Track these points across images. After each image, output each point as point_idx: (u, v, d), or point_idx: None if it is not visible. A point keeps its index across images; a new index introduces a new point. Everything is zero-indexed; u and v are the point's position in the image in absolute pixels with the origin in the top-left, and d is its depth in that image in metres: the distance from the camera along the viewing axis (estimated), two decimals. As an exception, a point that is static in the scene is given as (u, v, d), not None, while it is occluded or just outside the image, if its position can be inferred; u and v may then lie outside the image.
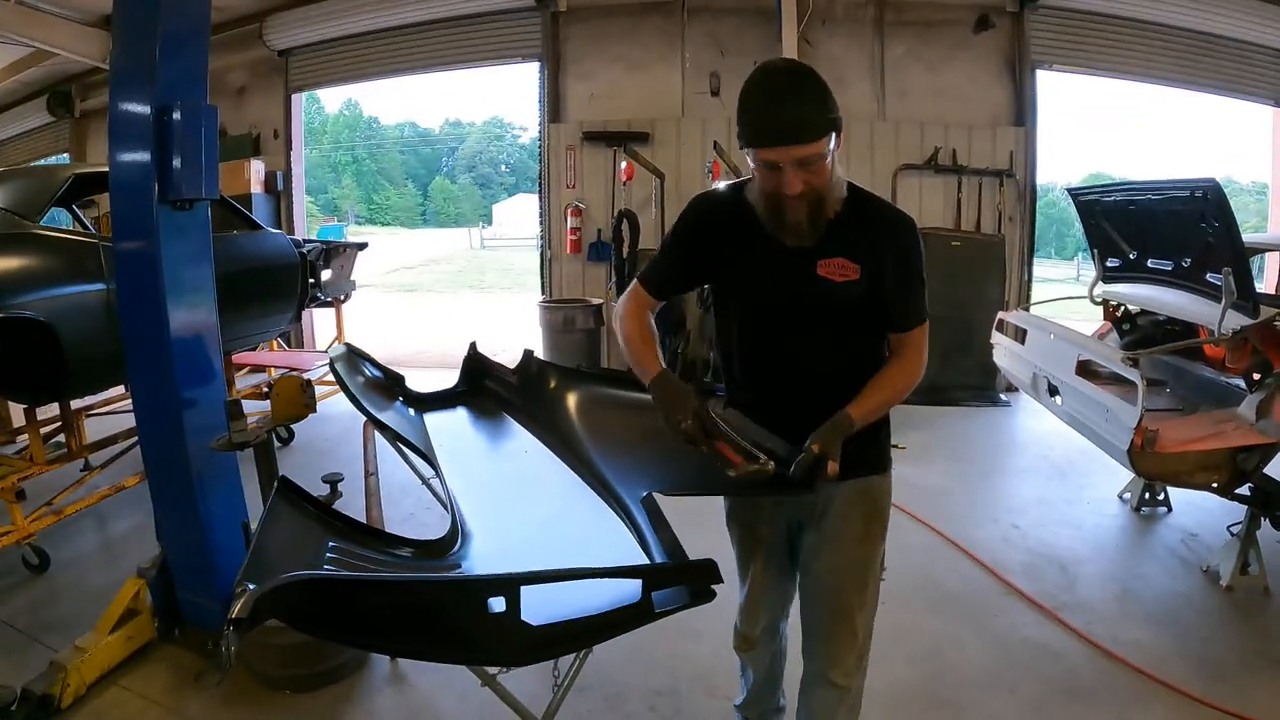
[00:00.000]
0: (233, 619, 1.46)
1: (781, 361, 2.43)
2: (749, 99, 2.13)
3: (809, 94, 2.09)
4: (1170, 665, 3.83)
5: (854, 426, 2.22)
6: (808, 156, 2.09)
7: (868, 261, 2.27)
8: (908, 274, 2.32)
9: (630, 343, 2.47)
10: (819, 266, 2.28)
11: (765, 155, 2.12)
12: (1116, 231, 5.70)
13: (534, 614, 1.72)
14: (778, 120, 2.07)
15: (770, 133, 2.09)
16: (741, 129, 2.15)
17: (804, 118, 2.07)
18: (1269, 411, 4.14)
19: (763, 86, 2.11)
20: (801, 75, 2.11)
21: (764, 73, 2.13)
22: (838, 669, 2.57)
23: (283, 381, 3.54)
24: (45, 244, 4.72)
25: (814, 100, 2.08)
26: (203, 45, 3.72)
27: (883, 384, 2.34)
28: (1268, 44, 9.73)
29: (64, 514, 5.07)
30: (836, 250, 2.27)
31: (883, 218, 2.32)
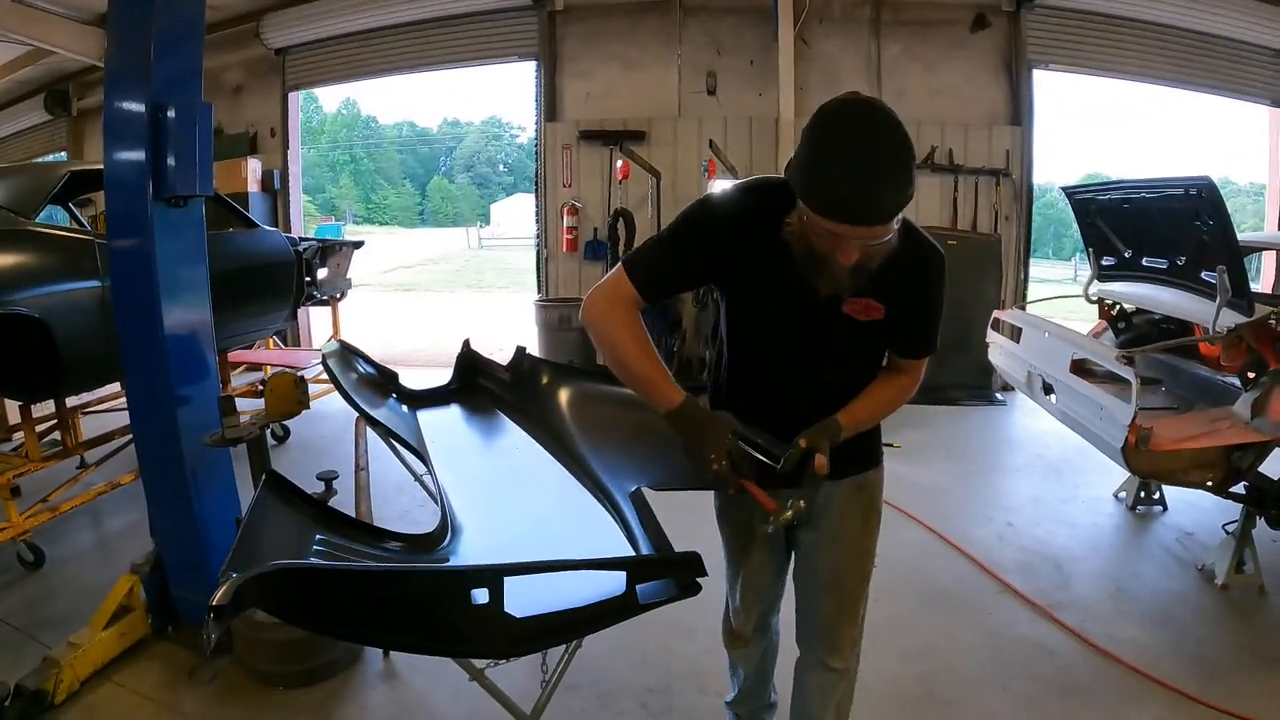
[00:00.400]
0: (214, 606, 1.46)
1: (782, 379, 2.36)
2: (829, 161, 1.84)
3: (901, 171, 1.83)
4: (1165, 663, 3.83)
5: (841, 434, 2.19)
6: (878, 237, 1.90)
7: (894, 301, 2.19)
8: (929, 310, 2.29)
9: (628, 356, 2.17)
10: (845, 304, 2.16)
11: (834, 229, 1.87)
12: (1112, 230, 5.71)
13: (518, 607, 1.71)
14: (863, 201, 1.82)
15: (851, 212, 1.83)
16: (810, 188, 1.88)
17: (892, 200, 1.84)
18: (1264, 409, 4.14)
19: (850, 152, 1.82)
20: (895, 143, 1.83)
21: (850, 134, 1.84)
22: (838, 655, 2.60)
23: (276, 378, 3.55)
24: (41, 241, 4.72)
25: (906, 178, 1.84)
26: (197, 42, 3.71)
27: (876, 399, 2.33)
28: (1265, 44, 9.74)
29: (59, 511, 5.07)
30: (867, 291, 2.13)
31: (915, 256, 2.16)
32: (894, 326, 2.25)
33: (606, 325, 2.18)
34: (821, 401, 2.25)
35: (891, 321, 2.23)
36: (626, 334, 2.17)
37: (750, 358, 2.41)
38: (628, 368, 2.17)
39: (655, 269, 2.22)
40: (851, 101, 1.88)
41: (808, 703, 2.72)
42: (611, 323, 2.17)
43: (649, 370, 2.15)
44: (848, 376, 2.33)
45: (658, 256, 2.24)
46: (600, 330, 2.19)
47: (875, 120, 1.84)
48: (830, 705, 2.69)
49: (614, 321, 2.17)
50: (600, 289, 2.23)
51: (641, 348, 2.17)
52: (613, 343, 2.17)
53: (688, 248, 2.22)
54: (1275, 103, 10.12)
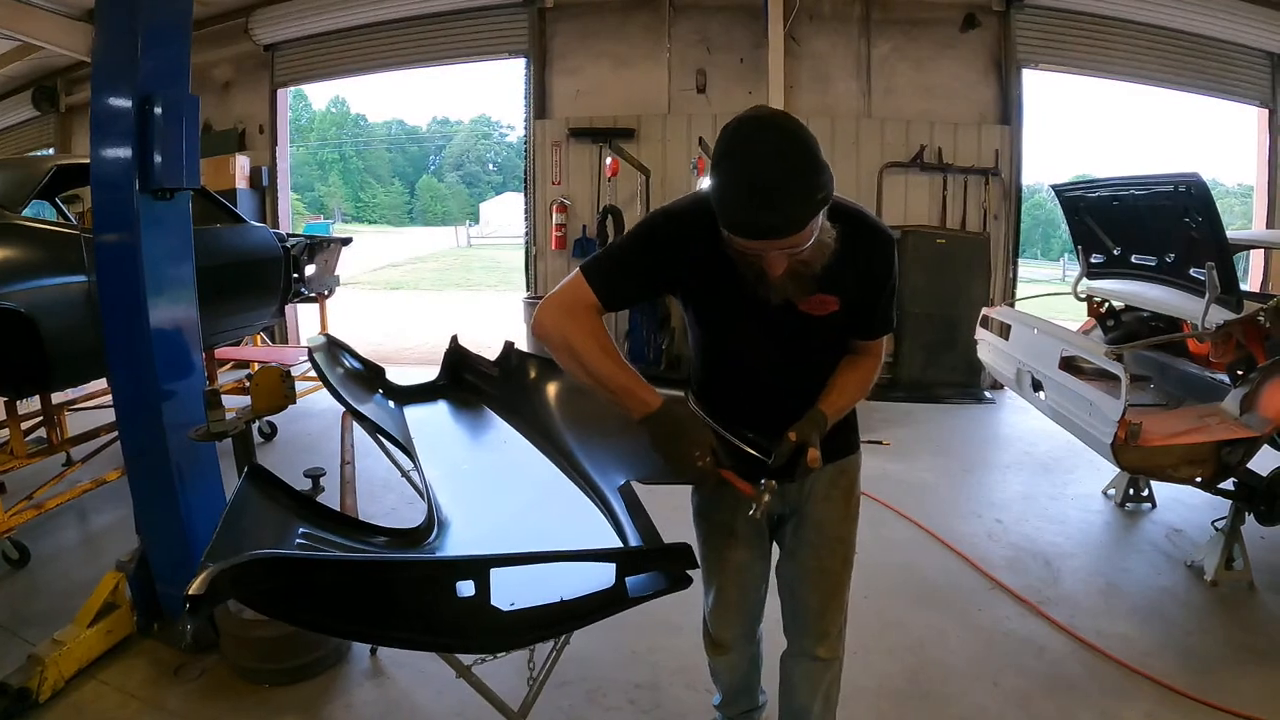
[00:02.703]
0: (190, 596, 1.44)
1: (753, 378, 2.37)
2: (727, 182, 1.86)
3: (796, 182, 1.82)
4: (1155, 659, 3.84)
5: (828, 423, 2.22)
6: (794, 246, 1.91)
7: (847, 291, 2.20)
8: (882, 291, 2.28)
9: (596, 364, 2.10)
10: (799, 304, 2.15)
11: (747, 246, 1.92)
12: (1101, 228, 5.72)
13: (505, 601, 1.70)
14: (760, 218, 1.83)
15: (756, 230, 1.86)
16: (719, 209, 1.90)
17: (790, 214, 1.83)
18: (1253, 405, 4.16)
19: (741, 170, 1.83)
20: (788, 158, 1.82)
21: (743, 151, 1.84)
22: (825, 644, 2.60)
23: (263, 373, 3.52)
24: (26, 235, 4.68)
25: (802, 189, 1.83)
26: (185, 35, 3.70)
27: (851, 384, 2.33)
28: (1253, 45, 9.78)
29: (44, 508, 5.03)
30: (819, 288, 2.13)
31: (860, 243, 2.15)
32: (851, 314, 2.26)
33: (567, 334, 2.09)
34: (797, 395, 2.26)
35: (849, 311, 2.24)
36: (592, 342, 2.09)
37: (720, 361, 2.43)
38: (597, 376, 2.09)
39: (614, 278, 2.18)
40: (748, 120, 1.86)
41: (796, 693, 2.72)
42: (573, 331, 2.09)
43: (621, 377, 2.09)
44: (817, 367, 2.35)
45: (616, 266, 2.20)
46: (560, 340, 2.11)
47: (770, 136, 1.83)
48: (819, 694, 2.69)
49: (575, 330, 2.09)
50: (556, 298, 2.16)
51: (609, 354, 2.10)
52: (576, 352, 2.09)
53: (644, 259, 2.20)
54: (1263, 104, 10.15)
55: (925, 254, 9.18)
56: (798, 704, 2.72)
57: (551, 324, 2.11)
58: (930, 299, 9.01)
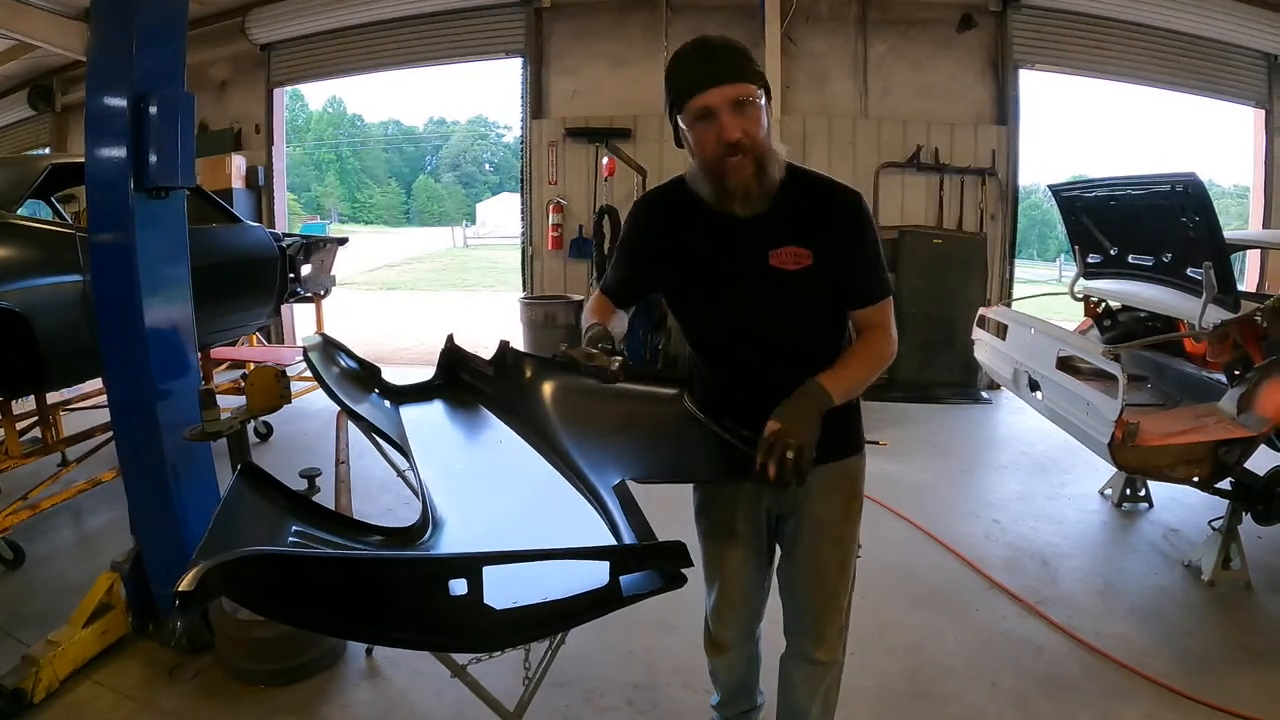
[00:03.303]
0: (179, 592, 1.42)
1: (746, 354, 2.38)
2: (676, 63, 2.15)
3: (734, 46, 2.12)
4: (1153, 659, 3.84)
5: (830, 400, 2.12)
6: (741, 97, 2.07)
7: (819, 244, 2.22)
8: (860, 246, 2.26)
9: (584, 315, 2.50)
10: (771, 258, 2.23)
11: (699, 102, 2.09)
12: (1097, 227, 5.72)
13: (499, 599, 1.68)
14: (707, 65, 2.08)
15: (700, 77, 2.08)
16: (673, 93, 2.16)
17: (732, 62, 2.09)
18: (1250, 405, 4.16)
19: (687, 50, 2.14)
20: (724, 36, 2.16)
21: (688, 42, 2.16)
22: (823, 647, 2.59)
23: (258, 372, 3.51)
24: (21, 234, 4.67)
25: (740, 51, 2.12)
26: (180, 33, 3.69)
27: (855, 358, 2.27)
28: (1250, 46, 9.79)
29: (39, 509, 5.01)
30: (786, 238, 2.22)
31: (827, 194, 2.26)
32: (829, 271, 2.24)
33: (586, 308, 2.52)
34: (786, 369, 2.21)
35: (824, 266, 2.23)
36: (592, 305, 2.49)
37: (708, 344, 2.48)
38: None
39: (616, 277, 2.52)
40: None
41: (794, 695, 2.71)
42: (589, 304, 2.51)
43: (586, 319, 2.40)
44: (803, 337, 2.33)
45: (615, 267, 2.54)
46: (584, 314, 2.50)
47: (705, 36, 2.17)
48: (817, 697, 2.68)
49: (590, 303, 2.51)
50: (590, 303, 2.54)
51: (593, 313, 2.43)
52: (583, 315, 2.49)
53: (632, 247, 2.49)
54: (1259, 104, 10.16)
55: (922, 254, 9.20)
56: (796, 706, 2.72)
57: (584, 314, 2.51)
58: (927, 299, 9.02)
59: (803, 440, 1.97)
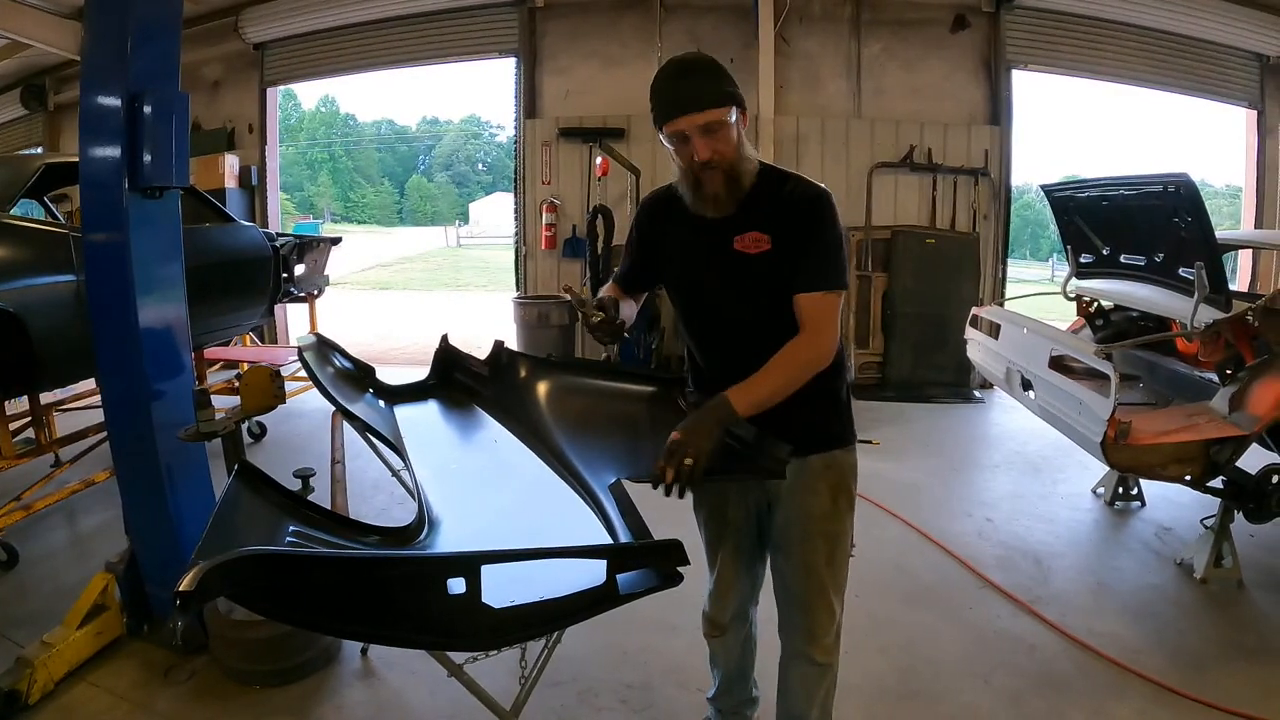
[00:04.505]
0: (179, 592, 1.43)
1: (720, 338, 2.56)
2: (654, 87, 2.29)
3: (704, 70, 2.26)
4: (1146, 657, 3.85)
5: (734, 414, 2.18)
6: (710, 123, 2.22)
7: (779, 233, 2.35)
8: (814, 234, 2.32)
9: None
10: (735, 241, 2.38)
11: (672, 127, 2.26)
12: (1090, 227, 5.73)
13: (496, 598, 1.69)
14: (677, 93, 2.23)
15: (672, 103, 2.24)
16: (653, 115, 2.31)
17: (700, 88, 2.22)
18: (1241, 404, 4.17)
19: (664, 72, 2.28)
20: (696, 58, 2.31)
21: (667, 63, 2.31)
22: (817, 646, 2.62)
23: (252, 372, 3.50)
24: (14, 234, 4.66)
25: (710, 74, 2.25)
26: (175, 32, 3.69)
27: (773, 369, 2.28)
28: (1243, 47, 9.84)
29: (33, 509, 5.02)
30: (750, 225, 2.36)
31: (793, 191, 2.38)
32: (787, 256, 2.34)
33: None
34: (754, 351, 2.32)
35: (782, 252, 2.35)
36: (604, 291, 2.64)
37: (690, 327, 2.65)
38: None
39: (624, 267, 2.76)
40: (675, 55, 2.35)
41: (793, 699, 2.75)
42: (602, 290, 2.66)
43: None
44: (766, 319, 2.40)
45: (624, 258, 2.78)
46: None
47: (684, 56, 2.33)
48: (816, 701, 2.72)
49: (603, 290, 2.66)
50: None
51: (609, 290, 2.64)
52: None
53: (634, 239, 2.73)
54: (1252, 105, 10.19)
55: (915, 254, 9.22)
56: (797, 711, 2.75)
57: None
58: (920, 299, 9.04)
59: (697, 451, 2.06)
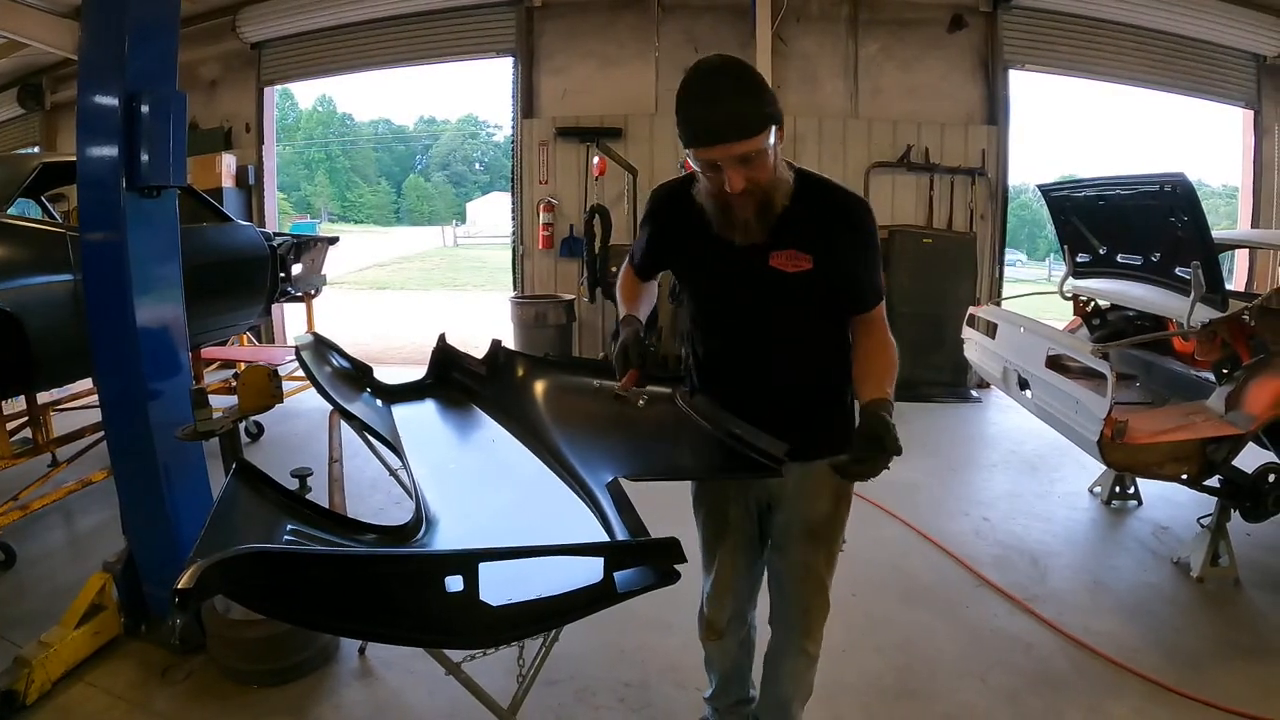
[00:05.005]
0: (178, 590, 1.43)
1: (740, 347, 2.48)
2: (684, 101, 2.07)
3: (744, 89, 2.03)
4: (1143, 655, 3.86)
5: (892, 402, 2.23)
6: (747, 153, 2.04)
7: (821, 251, 2.25)
8: (864, 256, 2.32)
9: (618, 289, 2.72)
10: (771, 258, 2.26)
11: (705, 155, 2.07)
12: (1087, 227, 5.74)
13: (494, 596, 1.69)
14: (713, 119, 2.02)
15: (706, 132, 2.03)
16: (680, 131, 2.10)
17: (740, 114, 2.02)
18: (1238, 403, 4.18)
19: (697, 86, 2.05)
20: (735, 71, 2.05)
21: (697, 72, 2.06)
22: (811, 639, 2.66)
23: (250, 371, 3.50)
24: (11, 234, 4.65)
25: (749, 95, 2.03)
26: (173, 31, 3.68)
27: (877, 361, 2.34)
28: (1239, 47, 9.84)
29: (30, 509, 5.01)
30: (789, 242, 2.25)
31: (834, 205, 2.28)
32: (829, 277, 2.28)
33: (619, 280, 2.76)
34: (785, 368, 2.36)
35: (824, 271, 2.27)
36: (623, 281, 2.73)
37: (711, 334, 2.57)
38: (618, 297, 2.71)
39: (638, 253, 2.67)
40: (704, 57, 2.10)
41: (781, 687, 2.77)
42: (620, 278, 2.76)
43: (622, 298, 2.68)
44: (803, 339, 2.40)
45: (637, 243, 2.67)
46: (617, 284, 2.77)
47: (717, 63, 2.07)
48: (802, 687, 2.78)
49: (621, 278, 2.76)
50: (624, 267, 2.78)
51: (625, 287, 2.71)
52: (618, 287, 2.74)
53: (645, 231, 2.60)
54: (1248, 105, 10.19)
55: (912, 253, 9.21)
56: (783, 697, 2.78)
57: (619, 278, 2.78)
58: (917, 298, 9.03)
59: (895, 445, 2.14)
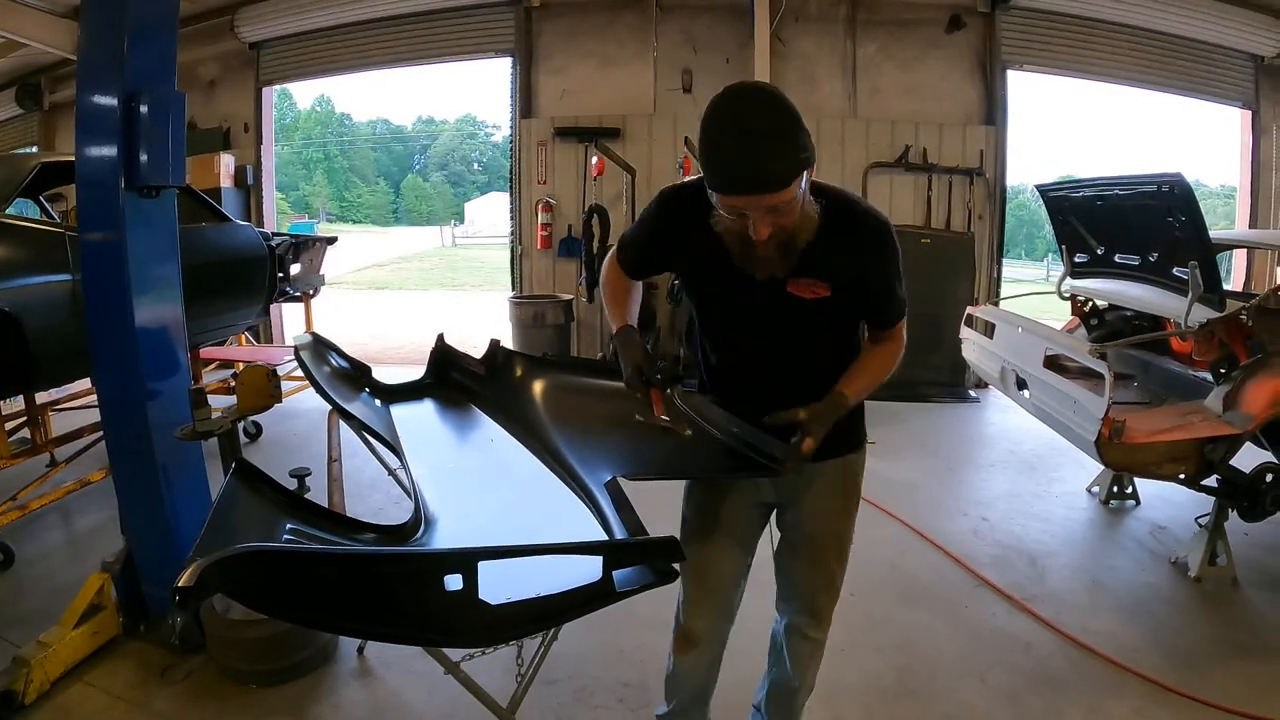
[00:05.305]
0: (178, 588, 1.43)
1: (749, 362, 2.46)
2: (714, 141, 1.93)
3: (778, 134, 1.90)
4: (1141, 655, 3.87)
5: (849, 405, 2.25)
6: (778, 204, 1.95)
7: (841, 280, 2.21)
8: (887, 281, 2.29)
9: (605, 291, 2.62)
10: (789, 284, 2.21)
11: (731, 203, 1.97)
12: (1085, 227, 5.75)
13: (493, 595, 1.69)
14: (745, 170, 1.90)
15: (739, 181, 1.92)
16: (706, 171, 1.98)
17: (776, 165, 1.90)
18: (1236, 403, 4.19)
19: (729, 127, 1.91)
20: (769, 113, 1.91)
21: (730, 110, 1.92)
22: (818, 626, 2.70)
23: (249, 371, 3.49)
24: (10, 233, 4.65)
25: (786, 143, 1.91)
26: (171, 31, 3.68)
27: (871, 366, 2.37)
28: (1237, 47, 9.84)
29: (28, 509, 5.01)
30: (808, 271, 2.18)
31: (856, 230, 2.19)
32: (845, 301, 2.26)
33: (604, 278, 2.65)
34: (796, 379, 2.32)
35: (842, 298, 2.25)
36: (611, 281, 2.62)
37: (719, 344, 2.53)
38: (604, 296, 2.63)
39: (628, 249, 2.57)
40: (733, 87, 1.97)
41: (792, 663, 2.77)
42: (605, 277, 2.64)
43: (611, 305, 2.57)
44: (815, 353, 2.38)
45: (630, 239, 2.56)
46: (602, 279, 2.66)
47: (752, 100, 1.94)
48: (806, 679, 2.81)
49: (606, 276, 2.64)
50: (608, 258, 2.67)
51: (614, 290, 2.60)
52: (604, 283, 2.64)
53: (644, 237, 2.48)
54: (1246, 105, 10.20)
55: (910, 254, 9.05)
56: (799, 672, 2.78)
57: (603, 270, 2.67)
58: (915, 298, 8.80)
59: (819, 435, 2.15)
